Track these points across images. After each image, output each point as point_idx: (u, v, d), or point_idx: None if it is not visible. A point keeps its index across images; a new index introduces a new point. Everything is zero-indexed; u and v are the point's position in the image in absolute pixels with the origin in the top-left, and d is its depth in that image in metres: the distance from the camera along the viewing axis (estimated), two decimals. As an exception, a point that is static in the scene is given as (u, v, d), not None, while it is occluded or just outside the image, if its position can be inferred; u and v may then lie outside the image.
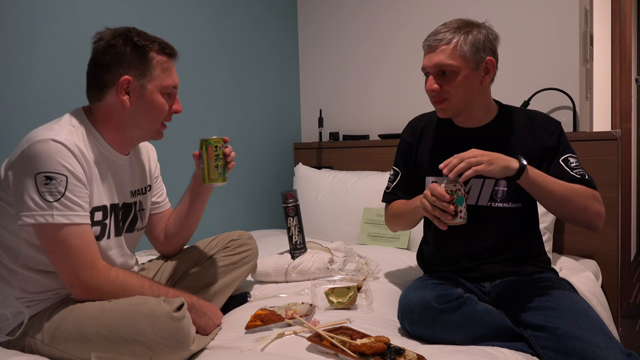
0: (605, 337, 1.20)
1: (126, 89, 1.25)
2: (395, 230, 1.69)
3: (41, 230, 1.15)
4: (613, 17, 3.18)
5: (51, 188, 1.13)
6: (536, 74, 2.37)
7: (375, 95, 2.84)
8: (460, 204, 1.30)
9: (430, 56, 1.42)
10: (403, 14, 2.72)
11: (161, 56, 1.28)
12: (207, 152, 1.38)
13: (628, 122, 3.28)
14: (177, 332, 1.10)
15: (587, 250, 2.22)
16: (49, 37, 1.81)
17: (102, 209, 1.27)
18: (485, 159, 1.29)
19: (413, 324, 1.32)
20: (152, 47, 1.26)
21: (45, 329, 1.16)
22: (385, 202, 1.69)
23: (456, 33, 1.40)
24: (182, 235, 1.54)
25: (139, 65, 1.25)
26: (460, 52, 1.38)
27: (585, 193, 1.38)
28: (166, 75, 1.29)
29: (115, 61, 1.24)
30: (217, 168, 1.39)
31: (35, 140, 1.15)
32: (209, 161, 1.38)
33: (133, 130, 1.30)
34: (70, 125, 1.23)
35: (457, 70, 1.39)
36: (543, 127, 1.47)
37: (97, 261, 1.19)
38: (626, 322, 2.78)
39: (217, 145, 1.39)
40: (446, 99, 1.43)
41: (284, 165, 2.98)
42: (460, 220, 1.31)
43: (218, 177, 1.39)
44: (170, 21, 2.27)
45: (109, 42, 1.25)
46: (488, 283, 1.48)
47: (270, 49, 2.87)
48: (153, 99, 1.28)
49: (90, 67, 1.28)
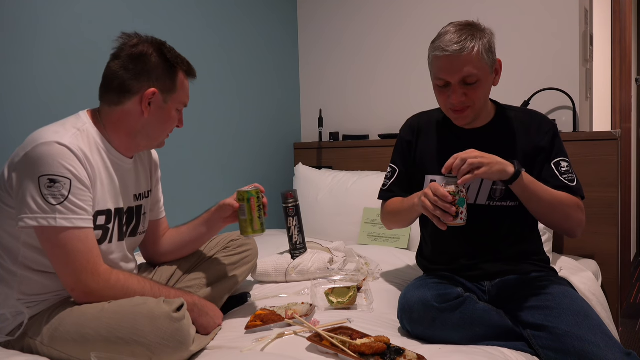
0: (604, 336, 1.20)
1: (149, 100, 1.26)
2: (390, 228, 1.69)
3: (43, 233, 1.15)
4: (613, 17, 3.18)
5: (54, 191, 1.13)
6: (536, 74, 2.37)
7: (375, 95, 2.84)
8: (462, 206, 1.30)
9: (453, 67, 1.37)
10: (403, 14, 2.72)
11: (183, 74, 1.32)
12: (250, 204, 1.38)
13: (628, 122, 3.28)
14: (176, 333, 1.10)
15: (587, 250, 2.23)
16: (49, 37, 1.81)
17: (106, 213, 1.27)
18: (485, 162, 1.30)
19: (413, 323, 1.32)
20: (182, 66, 1.31)
21: (45, 330, 1.16)
22: (381, 199, 1.68)
23: (474, 40, 1.37)
24: (176, 254, 1.53)
25: (167, 80, 1.28)
26: (482, 59, 1.38)
27: (570, 202, 1.41)
28: (185, 94, 1.34)
29: (145, 71, 1.25)
30: (260, 219, 1.40)
31: (40, 142, 1.14)
32: (252, 213, 1.38)
33: (142, 139, 1.32)
34: (75, 128, 1.22)
35: (481, 78, 1.39)
36: (537, 127, 1.48)
37: (99, 265, 1.19)
38: (626, 322, 2.77)
39: (258, 196, 1.39)
40: (469, 107, 1.42)
41: (284, 165, 2.98)
42: (461, 221, 1.31)
43: (259, 228, 1.40)
44: (170, 21, 2.27)
45: (142, 51, 1.26)
46: (488, 282, 1.48)
47: (270, 49, 2.87)
48: (170, 114, 1.32)
49: (116, 69, 1.26)
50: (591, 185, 2.15)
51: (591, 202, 2.09)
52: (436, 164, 1.51)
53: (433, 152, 1.55)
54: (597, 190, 2.16)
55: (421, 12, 2.66)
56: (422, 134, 1.60)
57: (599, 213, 2.16)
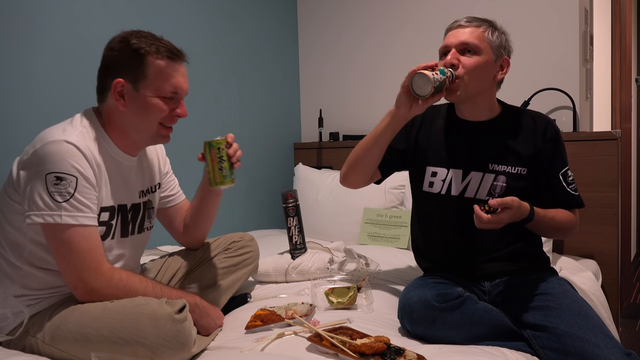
0: (604, 336, 1.20)
1: (120, 92, 1.25)
2: (348, 176, 1.58)
3: (49, 230, 1.16)
4: (613, 17, 3.18)
5: (61, 189, 1.14)
6: (536, 74, 2.37)
7: (376, 95, 2.84)
8: (442, 74, 1.35)
9: (457, 33, 1.44)
10: (403, 14, 2.72)
11: (159, 60, 1.25)
12: (210, 155, 1.36)
13: (628, 122, 3.28)
14: (178, 334, 1.10)
15: (587, 250, 2.23)
16: (49, 37, 1.81)
17: (109, 210, 1.28)
18: (505, 220, 1.32)
19: (413, 323, 1.32)
20: (148, 49, 1.24)
21: (46, 329, 1.17)
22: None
23: (484, 24, 1.45)
24: (200, 228, 1.54)
25: (133, 68, 1.24)
26: (487, 39, 1.44)
27: (569, 220, 1.47)
28: (164, 80, 1.25)
29: (111, 64, 1.25)
30: (221, 170, 1.36)
31: (49, 140, 1.16)
32: (213, 164, 1.36)
33: (133, 134, 1.30)
34: (82, 126, 1.24)
35: (480, 51, 1.42)
36: (542, 132, 1.48)
37: (102, 263, 1.19)
38: (626, 322, 2.77)
39: (219, 147, 1.35)
40: (459, 78, 1.42)
41: (284, 165, 2.98)
42: (437, 76, 1.33)
43: (223, 179, 1.36)
44: (170, 21, 2.27)
45: (110, 46, 1.27)
46: (488, 283, 1.48)
47: (270, 49, 2.87)
48: (147, 103, 1.25)
49: (98, 70, 1.29)
50: (591, 185, 2.15)
51: (591, 202, 2.09)
52: (437, 156, 1.52)
53: (435, 144, 1.54)
54: (597, 190, 2.16)
55: (421, 13, 2.66)
56: (425, 124, 1.59)
57: (599, 213, 2.16)
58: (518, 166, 1.45)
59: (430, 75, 1.31)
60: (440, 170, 1.51)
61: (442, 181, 1.51)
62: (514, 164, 1.46)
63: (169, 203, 1.54)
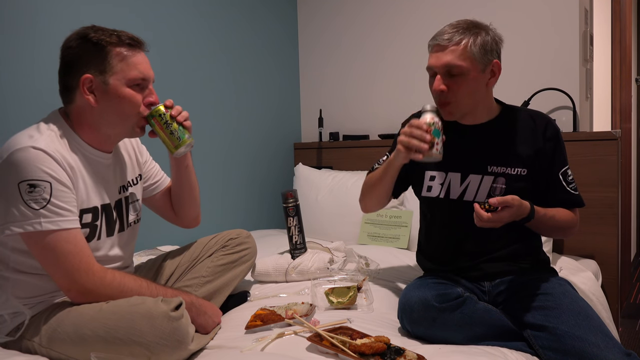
0: (604, 337, 1.20)
1: (89, 88, 1.22)
2: (366, 205, 1.66)
3: (30, 238, 1.14)
4: (613, 17, 3.18)
5: (35, 196, 1.12)
6: (536, 74, 2.37)
7: (375, 95, 2.84)
8: (437, 137, 1.34)
9: (439, 55, 1.39)
10: (403, 15, 2.72)
11: (121, 48, 1.23)
12: (157, 125, 1.31)
13: (628, 122, 3.28)
14: (175, 332, 1.09)
15: (587, 250, 2.22)
16: (48, 37, 1.81)
17: (92, 211, 1.26)
18: (504, 219, 1.32)
19: (413, 323, 1.32)
20: (109, 40, 1.22)
21: (43, 332, 1.16)
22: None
23: (465, 34, 1.37)
24: (187, 205, 1.53)
25: (98, 61, 1.21)
26: (470, 53, 1.37)
27: (570, 219, 1.47)
28: (130, 68, 1.23)
29: (74, 62, 1.22)
30: (172, 134, 1.31)
31: (15, 148, 1.13)
32: (163, 132, 1.31)
33: (107, 129, 1.27)
34: (49, 130, 1.21)
35: (465, 71, 1.37)
36: (542, 131, 1.47)
37: (92, 264, 1.18)
38: (626, 322, 2.77)
39: (159, 114, 1.30)
40: (450, 102, 1.41)
41: (284, 165, 2.98)
42: (436, 152, 1.34)
43: (179, 142, 1.32)
44: (170, 22, 2.27)
45: (68, 44, 1.23)
46: (487, 283, 1.48)
47: (270, 49, 2.87)
48: (119, 94, 1.23)
49: (59, 70, 1.26)
50: (591, 185, 2.15)
51: (591, 202, 2.09)
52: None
53: None
54: (597, 190, 2.16)
55: (421, 13, 2.66)
56: None
57: (599, 213, 2.16)
58: (518, 167, 1.45)
59: (435, 153, 1.33)
60: (438, 174, 1.51)
61: (440, 185, 1.51)
62: (513, 165, 1.45)
63: (156, 190, 1.54)
